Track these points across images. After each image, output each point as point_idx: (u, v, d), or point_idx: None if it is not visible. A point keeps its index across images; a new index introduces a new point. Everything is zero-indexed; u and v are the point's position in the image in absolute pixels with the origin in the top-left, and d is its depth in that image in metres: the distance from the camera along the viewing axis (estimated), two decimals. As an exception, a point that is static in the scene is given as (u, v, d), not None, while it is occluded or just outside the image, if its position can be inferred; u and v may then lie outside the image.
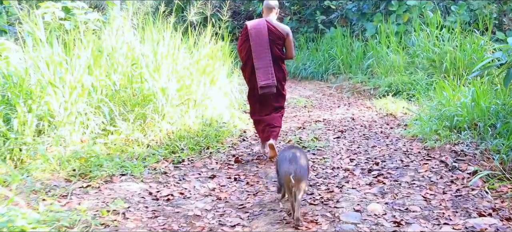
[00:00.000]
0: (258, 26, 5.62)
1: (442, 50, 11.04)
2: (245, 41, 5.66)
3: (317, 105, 9.88)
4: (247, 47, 5.63)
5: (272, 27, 5.62)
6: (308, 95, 11.51)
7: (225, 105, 7.71)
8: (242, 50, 5.73)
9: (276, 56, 5.63)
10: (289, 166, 3.84)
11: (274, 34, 5.59)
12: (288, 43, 5.69)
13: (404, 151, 5.96)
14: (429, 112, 7.30)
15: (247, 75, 5.78)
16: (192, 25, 8.77)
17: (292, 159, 3.90)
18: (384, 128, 7.42)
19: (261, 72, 5.54)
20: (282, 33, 5.64)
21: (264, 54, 5.54)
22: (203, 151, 6.03)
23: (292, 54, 5.81)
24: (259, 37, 5.54)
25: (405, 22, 13.06)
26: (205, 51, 7.76)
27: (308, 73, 14.29)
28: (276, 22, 5.73)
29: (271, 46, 5.57)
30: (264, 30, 5.55)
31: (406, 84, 10.37)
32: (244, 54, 5.69)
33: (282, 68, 5.75)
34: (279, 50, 5.66)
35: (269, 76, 5.53)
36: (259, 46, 5.54)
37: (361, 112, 8.89)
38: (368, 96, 10.87)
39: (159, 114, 6.34)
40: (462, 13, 12.74)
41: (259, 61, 5.54)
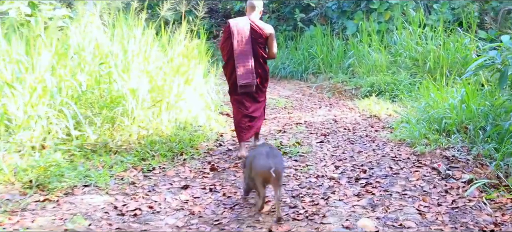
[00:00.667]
0: (240, 24, 5.55)
1: (425, 49, 10.73)
2: (227, 39, 5.59)
3: (298, 106, 9.45)
4: (229, 45, 5.56)
5: (255, 26, 5.55)
6: (287, 95, 11.08)
7: (200, 107, 7.22)
8: (224, 48, 5.66)
9: (258, 55, 5.58)
10: (267, 160, 3.72)
11: (256, 33, 5.54)
12: (270, 42, 5.65)
13: (393, 157, 5.56)
14: (416, 114, 6.93)
15: (228, 73, 5.69)
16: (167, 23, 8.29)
17: (269, 153, 3.81)
18: (369, 131, 7.03)
19: (241, 71, 5.48)
20: (265, 32, 5.58)
21: (245, 53, 5.49)
22: (176, 157, 5.55)
23: (274, 53, 5.77)
24: (241, 36, 5.48)
25: (387, 20, 12.72)
26: (179, 49, 7.27)
27: (287, 72, 13.85)
28: (259, 21, 5.66)
29: (253, 45, 5.52)
30: (247, 28, 5.50)
31: (389, 84, 10.02)
32: (226, 52, 5.62)
33: (264, 67, 5.71)
34: (261, 49, 5.61)
35: (249, 75, 5.49)
36: (241, 45, 5.48)
37: (344, 114, 8.49)
38: (349, 97, 10.48)
39: (129, 117, 5.85)
40: (444, 11, 12.45)
41: (240, 60, 5.47)
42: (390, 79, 10.13)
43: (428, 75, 10.13)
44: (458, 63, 10.27)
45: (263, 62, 5.68)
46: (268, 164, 3.68)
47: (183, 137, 5.96)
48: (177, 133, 6.04)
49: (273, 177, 3.64)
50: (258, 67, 5.60)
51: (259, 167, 3.77)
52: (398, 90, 9.76)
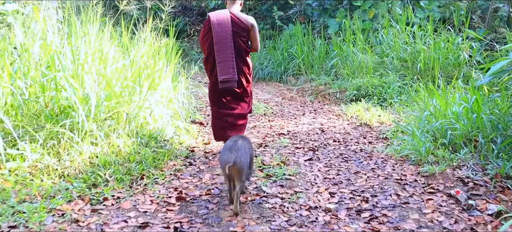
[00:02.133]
0: (221, 17, 5.25)
1: (414, 49, 9.85)
2: (208, 33, 5.30)
3: (279, 112, 8.44)
4: (209, 39, 5.28)
5: (236, 19, 5.28)
6: (266, 99, 10.07)
7: (168, 116, 6.16)
8: (204, 42, 5.38)
9: (241, 48, 5.32)
10: (229, 155, 3.69)
11: (238, 26, 5.27)
12: (253, 34, 5.38)
13: (397, 179, 4.59)
14: (416, 124, 5.99)
15: (209, 68, 5.42)
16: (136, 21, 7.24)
17: (232, 147, 3.77)
18: (363, 144, 6.06)
19: (221, 66, 5.21)
20: (246, 24, 5.31)
21: (226, 47, 5.20)
22: (135, 182, 4.48)
23: (258, 46, 5.49)
24: (222, 29, 5.20)
25: (371, 18, 11.81)
26: (143, 49, 6.20)
27: (266, 73, 12.84)
28: (240, 14, 5.38)
29: (235, 38, 5.25)
30: (228, 21, 5.23)
31: (377, 87, 9.11)
32: (206, 46, 5.33)
33: (247, 62, 5.43)
34: (243, 43, 5.35)
35: (230, 70, 5.22)
36: (222, 39, 5.20)
37: (331, 122, 7.51)
38: (334, 101, 9.53)
39: (79, 132, 4.76)
40: (431, 9, 11.59)
41: (220, 54, 5.21)
42: (377, 82, 9.22)
43: (419, 77, 9.27)
44: (450, 64, 9.42)
45: (245, 56, 5.40)
46: (228, 158, 3.64)
47: (145, 155, 4.90)
48: (138, 150, 4.98)
49: (234, 171, 3.63)
50: (240, 62, 5.33)
51: (221, 161, 3.79)
52: (386, 94, 8.87)
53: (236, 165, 3.64)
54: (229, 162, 3.63)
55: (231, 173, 3.70)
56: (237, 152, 3.71)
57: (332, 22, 12.22)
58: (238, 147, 3.78)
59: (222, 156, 3.77)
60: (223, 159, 3.72)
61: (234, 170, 3.66)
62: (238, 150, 3.74)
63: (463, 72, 9.28)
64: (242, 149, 3.80)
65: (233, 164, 3.62)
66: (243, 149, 3.81)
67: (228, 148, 3.78)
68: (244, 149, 3.82)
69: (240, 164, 3.68)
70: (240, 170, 3.68)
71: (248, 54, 5.48)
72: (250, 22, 5.33)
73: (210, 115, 7.85)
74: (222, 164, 3.78)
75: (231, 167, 3.63)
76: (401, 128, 6.28)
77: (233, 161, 3.63)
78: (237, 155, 3.68)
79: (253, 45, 5.49)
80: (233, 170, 3.66)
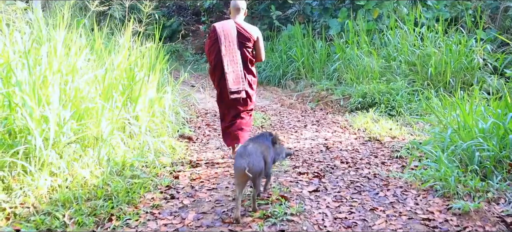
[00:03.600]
0: (227, 27, 5.17)
1: (424, 52, 8.95)
2: (214, 44, 5.18)
3: (278, 124, 7.53)
4: (216, 50, 5.16)
5: (242, 29, 5.20)
6: (264, 106, 9.17)
7: (149, 135, 5.25)
8: (211, 53, 5.23)
9: (246, 59, 5.25)
10: (241, 160, 3.61)
11: (243, 36, 5.19)
12: (258, 46, 5.33)
13: (424, 219, 3.67)
14: (436, 142, 5.09)
15: (216, 79, 5.28)
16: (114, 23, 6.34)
17: (243, 153, 3.68)
18: (375, 165, 5.16)
19: (231, 77, 5.13)
20: (252, 35, 5.23)
21: (234, 58, 5.14)
22: (100, 225, 3.57)
23: (262, 56, 5.44)
24: (228, 40, 5.12)
25: (375, 18, 10.90)
26: (121, 57, 5.28)
27: (263, 77, 11.93)
28: (245, 24, 5.30)
29: (241, 48, 5.19)
30: (233, 32, 5.15)
31: (384, 94, 8.21)
32: (213, 57, 5.19)
33: (252, 72, 5.39)
34: (249, 53, 5.27)
35: (240, 80, 5.17)
36: (229, 50, 5.13)
37: (336, 135, 6.60)
38: (338, 109, 8.63)
39: (36, 161, 3.86)
40: (440, 8, 10.68)
41: (229, 65, 5.13)
42: (384, 88, 8.32)
43: (429, 82, 8.38)
44: (462, 69, 8.54)
45: (251, 66, 5.34)
46: (241, 164, 3.58)
47: (117, 188, 3.98)
48: (108, 181, 4.06)
49: (248, 176, 3.52)
50: (247, 72, 5.29)
51: (234, 168, 3.68)
52: (395, 102, 7.97)
53: (250, 170, 3.54)
54: (242, 168, 3.54)
55: (246, 179, 3.60)
56: (249, 157, 3.63)
57: (334, 22, 11.31)
58: (249, 152, 3.69)
59: (236, 163, 3.67)
60: (236, 166, 3.63)
61: (247, 176, 3.53)
62: (250, 155, 3.66)
63: (477, 77, 8.39)
64: (254, 153, 3.70)
65: (247, 169, 3.52)
66: (254, 153, 3.71)
67: (240, 154, 3.69)
68: (256, 153, 3.73)
69: (253, 169, 3.58)
70: (254, 174, 3.59)
71: (253, 64, 5.40)
72: (255, 32, 5.26)
73: (200, 127, 6.96)
74: (235, 171, 3.67)
75: (245, 172, 3.51)
76: (417, 145, 5.39)
77: (246, 167, 3.54)
78: (250, 160, 3.60)
79: (258, 56, 5.41)
80: (246, 176, 3.53)
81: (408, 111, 7.76)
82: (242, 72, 5.18)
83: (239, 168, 3.58)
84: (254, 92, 5.44)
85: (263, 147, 3.93)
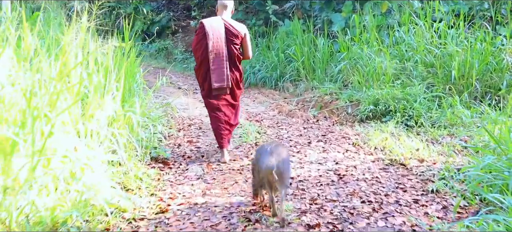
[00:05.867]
0: (215, 24, 5.10)
1: (444, 51, 7.56)
2: (202, 40, 5.10)
3: (275, 138, 6.08)
4: (203, 46, 5.08)
5: (229, 26, 5.13)
6: (258, 114, 7.76)
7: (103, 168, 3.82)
8: (198, 49, 5.14)
9: (233, 56, 5.17)
10: (270, 158, 3.40)
11: (231, 33, 5.13)
12: (245, 42, 5.26)
13: None
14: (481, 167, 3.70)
15: (202, 75, 5.20)
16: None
17: (273, 151, 3.48)
18: (406, 206, 3.75)
19: (216, 74, 5.09)
20: (239, 32, 5.16)
21: (220, 55, 5.08)
22: None
23: (250, 54, 5.41)
24: (216, 36, 5.06)
25: (384, 12, 9.48)
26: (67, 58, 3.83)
27: (258, 78, 10.47)
28: (232, 21, 5.22)
29: (228, 46, 5.13)
30: (221, 29, 5.09)
31: (400, 101, 6.80)
32: (200, 53, 5.12)
33: (239, 68, 5.32)
34: (236, 50, 5.19)
35: (223, 77, 5.11)
36: (216, 46, 5.06)
37: (349, 158, 5.18)
38: (345, 118, 7.22)
39: None
40: (457, 1, 9.27)
41: (214, 62, 5.08)
42: (400, 94, 6.92)
43: (452, 87, 7.00)
44: (489, 71, 7.16)
45: (238, 63, 5.28)
46: (270, 164, 3.38)
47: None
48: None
49: (275, 178, 3.35)
50: (233, 69, 5.23)
51: (262, 165, 3.43)
52: (413, 110, 6.58)
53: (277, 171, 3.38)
54: (272, 167, 3.36)
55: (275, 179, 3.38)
56: (279, 157, 3.46)
57: (337, 17, 9.87)
58: (279, 151, 3.53)
59: (263, 161, 3.45)
60: (265, 164, 3.41)
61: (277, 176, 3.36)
62: (280, 155, 3.50)
63: (506, 81, 7.01)
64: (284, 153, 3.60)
65: (276, 169, 3.36)
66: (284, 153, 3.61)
67: (269, 152, 3.48)
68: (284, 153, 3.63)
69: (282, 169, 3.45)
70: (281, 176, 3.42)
71: (240, 61, 5.33)
72: (243, 30, 5.21)
73: (181, 145, 5.58)
74: (262, 168, 3.45)
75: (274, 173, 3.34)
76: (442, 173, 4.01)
77: (275, 167, 3.37)
78: (280, 160, 3.45)
79: (246, 53, 5.35)
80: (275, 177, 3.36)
81: (428, 122, 6.38)
82: (227, 69, 5.11)
83: (268, 167, 3.36)
84: (240, 91, 5.41)
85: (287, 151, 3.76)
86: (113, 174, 3.96)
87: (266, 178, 3.44)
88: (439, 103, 6.80)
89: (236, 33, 5.11)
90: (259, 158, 3.56)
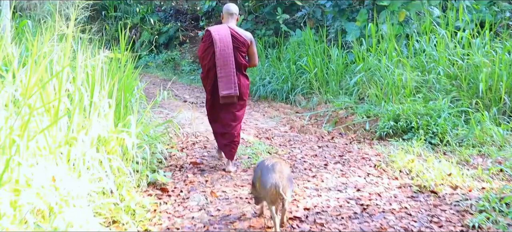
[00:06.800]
0: (222, 32, 4.97)
1: (469, 62, 6.93)
2: (209, 47, 4.97)
3: (287, 159, 5.45)
4: (210, 54, 4.95)
5: (236, 33, 5.00)
6: (268, 130, 7.15)
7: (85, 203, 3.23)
8: (205, 57, 5.01)
9: (240, 63, 5.04)
10: (273, 176, 3.32)
11: (238, 41, 5.00)
12: (251, 50, 5.15)
13: None
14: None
15: (210, 84, 5.04)
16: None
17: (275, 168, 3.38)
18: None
19: (224, 82, 4.93)
20: (246, 39, 5.05)
21: (228, 62, 4.93)
22: None
23: (256, 61, 5.30)
24: (223, 44, 4.92)
25: (401, 21, 8.87)
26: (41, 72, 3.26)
27: (268, 91, 9.87)
28: (238, 28, 5.08)
29: (235, 53, 4.98)
30: (228, 36, 4.96)
31: (422, 116, 6.18)
32: (207, 61, 4.98)
33: (246, 76, 5.19)
34: (242, 58, 5.09)
35: (231, 85, 4.93)
36: (224, 53, 4.92)
37: (371, 183, 4.54)
38: (363, 135, 6.60)
39: None
40: (480, 9, 8.64)
41: (222, 69, 4.93)
42: (422, 108, 6.29)
43: (479, 102, 6.37)
44: (520, 85, 6.52)
45: (244, 70, 5.14)
46: (276, 183, 3.28)
47: None
48: None
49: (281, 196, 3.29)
50: (240, 77, 5.05)
51: (267, 184, 3.32)
52: (437, 126, 5.95)
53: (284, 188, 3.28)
54: (277, 186, 3.27)
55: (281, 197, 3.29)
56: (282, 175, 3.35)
57: (352, 26, 9.27)
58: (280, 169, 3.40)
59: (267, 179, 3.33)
60: (270, 182, 3.30)
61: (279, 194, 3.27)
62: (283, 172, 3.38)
63: (536, 95, 6.38)
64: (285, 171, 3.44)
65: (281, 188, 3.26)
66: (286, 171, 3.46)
67: (270, 169, 3.38)
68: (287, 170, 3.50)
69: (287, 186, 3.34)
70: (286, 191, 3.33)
71: (246, 69, 5.21)
72: (249, 37, 5.11)
73: (182, 168, 4.99)
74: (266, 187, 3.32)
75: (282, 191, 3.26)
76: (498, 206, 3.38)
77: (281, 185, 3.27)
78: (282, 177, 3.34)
79: (252, 61, 5.24)
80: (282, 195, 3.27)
81: (455, 140, 5.76)
82: (235, 77, 4.95)
83: (274, 186, 3.29)
84: (245, 100, 5.24)
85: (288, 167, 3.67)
86: (101, 207, 3.37)
87: (270, 196, 3.32)
88: (465, 119, 6.19)
89: (242, 41, 5.01)
90: (261, 176, 3.44)
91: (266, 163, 3.51)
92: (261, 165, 3.54)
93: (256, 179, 3.56)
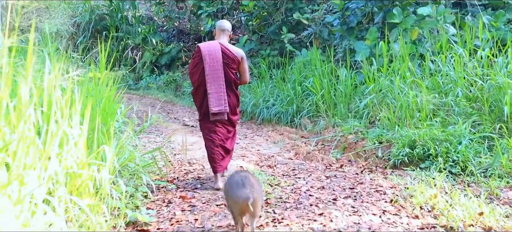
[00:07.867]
0: (212, 48, 4.96)
1: (491, 83, 6.28)
2: (198, 64, 4.96)
3: (290, 192, 4.72)
4: (199, 70, 4.94)
5: (226, 50, 4.97)
6: (271, 156, 6.51)
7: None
8: (195, 73, 5.01)
9: (230, 80, 5.00)
10: (244, 191, 3.25)
11: (228, 57, 4.96)
12: (242, 67, 5.09)
13: None
14: None
15: (199, 99, 5.03)
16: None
17: (245, 183, 3.31)
18: None
19: (214, 98, 4.90)
20: (236, 56, 5.01)
21: (217, 78, 4.90)
22: None
23: (247, 78, 5.21)
24: (212, 60, 4.90)
25: (414, 40, 8.24)
26: None
27: (272, 114, 9.24)
28: (229, 45, 5.08)
29: (225, 69, 4.95)
30: (218, 52, 4.93)
31: (441, 143, 5.52)
32: (197, 78, 4.98)
33: (236, 93, 5.14)
34: (233, 74, 5.04)
35: (222, 102, 4.91)
36: (213, 70, 4.89)
37: (388, 223, 3.84)
38: (374, 162, 5.95)
39: None
40: (498, 26, 8.00)
41: (212, 86, 4.89)
42: (440, 134, 5.64)
43: (503, 126, 5.71)
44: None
45: (235, 87, 5.08)
46: (247, 195, 3.20)
47: None
48: None
49: (251, 209, 3.20)
50: (230, 93, 5.02)
51: (237, 197, 3.28)
52: (458, 154, 5.28)
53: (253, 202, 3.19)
54: (248, 198, 3.18)
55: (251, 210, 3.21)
56: (253, 188, 3.27)
57: (361, 45, 8.64)
58: (251, 182, 3.33)
59: (237, 193, 3.27)
60: (240, 196, 3.24)
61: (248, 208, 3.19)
62: (253, 185, 3.30)
63: None
64: (256, 184, 3.38)
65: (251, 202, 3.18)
66: (256, 184, 3.40)
67: (240, 184, 3.30)
68: (257, 183, 3.44)
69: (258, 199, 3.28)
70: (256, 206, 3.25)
71: (237, 86, 5.14)
72: (240, 54, 5.03)
73: (171, 203, 4.34)
74: (236, 200, 3.28)
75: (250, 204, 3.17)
76: None
77: (250, 197, 3.18)
78: (253, 190, 3.26)
79: (243, 78, 5.17)
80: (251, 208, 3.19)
81: (479, 169, 5.09)
82: (225, 93, 4.92)
83: (244, 199, 3.18)
84: (237, 116, 5.20)
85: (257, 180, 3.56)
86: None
87: (241, 209, 3.29)
88: (488, 145, 5.53)
89: (232, 57, 4.97)
90: (231, 191, 3.37)
91: (235, 178, 3.44)
92: (231, 181, 3.47)
93: (228, 196, 3.48)
